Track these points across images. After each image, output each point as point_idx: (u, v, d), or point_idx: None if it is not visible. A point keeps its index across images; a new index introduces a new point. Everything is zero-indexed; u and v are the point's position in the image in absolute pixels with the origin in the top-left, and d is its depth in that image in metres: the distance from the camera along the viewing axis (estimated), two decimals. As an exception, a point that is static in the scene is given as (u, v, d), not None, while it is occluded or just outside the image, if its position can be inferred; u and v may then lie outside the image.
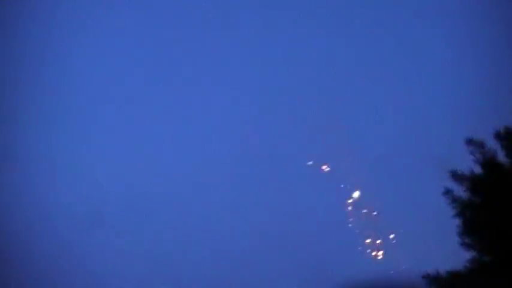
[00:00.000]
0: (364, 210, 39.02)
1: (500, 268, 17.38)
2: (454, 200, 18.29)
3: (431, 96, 39.62)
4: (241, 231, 37.71)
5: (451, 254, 18.47)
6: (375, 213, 38.90)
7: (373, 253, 38.13)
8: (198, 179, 39.92)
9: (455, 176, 18.31)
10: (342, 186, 39.20)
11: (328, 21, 41.10)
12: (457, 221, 18.27)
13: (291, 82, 41.17)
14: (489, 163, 18.27)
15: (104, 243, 37.02)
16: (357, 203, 39.37)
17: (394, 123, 40.09)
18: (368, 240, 38.45)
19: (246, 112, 41.36)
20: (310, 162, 39.38)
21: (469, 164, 18.43)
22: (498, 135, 18.43)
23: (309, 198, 38.73)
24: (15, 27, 37.03)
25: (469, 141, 18.36)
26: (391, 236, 38.62)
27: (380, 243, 38.25)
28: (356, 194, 39.45)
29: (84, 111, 39.98)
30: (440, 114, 37.72)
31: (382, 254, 38.17)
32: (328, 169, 39.47)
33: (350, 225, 38.49)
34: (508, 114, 18.85)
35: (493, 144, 18.48)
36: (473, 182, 18.23)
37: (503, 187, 17.93)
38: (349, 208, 39.13)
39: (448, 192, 18.32)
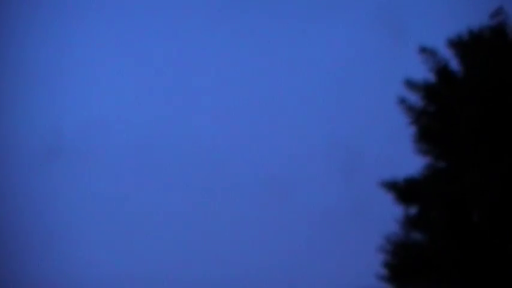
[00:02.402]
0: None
1: (454, 171, 18.01)
2: (409, 109, 18.81)
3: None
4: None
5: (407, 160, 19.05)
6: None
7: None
8: (165, 105, 39.08)
9: (410, 84, 18.76)
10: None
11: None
12: (412, 129, 18.86)
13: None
14: (442, 71, 18.73)
15: (62, 176, 36.30)
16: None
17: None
18: None
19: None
20: None
21: (423, 73, 18.90)
22: (451, 44, 18.85)
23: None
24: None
25: (422, 50, 18.77)
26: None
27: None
28: None
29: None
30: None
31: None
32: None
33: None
34: (460, 22, 19.14)
35: (446, 53, 18.94)
36: (427, 90, 18.72)
37: (456, 94, 18.42)
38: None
39: (403, 101, 18.82)
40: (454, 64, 18.92)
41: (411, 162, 19.07)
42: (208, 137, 38.26)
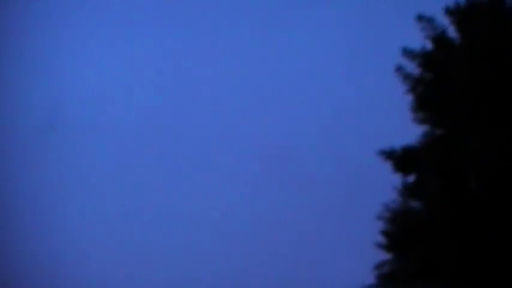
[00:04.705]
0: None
1: (451, 139, 18.06)
2: (406, 77, 18.81)
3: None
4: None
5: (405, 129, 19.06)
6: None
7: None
8: (165, 80, 38.78)
9: (407, 52, 18.74)
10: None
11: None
12: (410, 97, 18.87)
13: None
14: (439, 39, 18.71)
15: (61, 151, 36.17)
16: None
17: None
18: None
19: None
20: None
21: (420, 41, 18.88)
22: (448, 11, 18.82)
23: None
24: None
25: (420, 18, 18.73)
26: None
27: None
28: None
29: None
30: None
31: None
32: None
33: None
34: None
35: (443, 20, 18.92)
36: (424, 58, 18.70)
37: (453, 62, 18.42)
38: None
39: (400, 68, 18.81)
40: (452, 32, 18.92)
41: (409, 131, 19.10)
42: (209, 113, 38.28)
